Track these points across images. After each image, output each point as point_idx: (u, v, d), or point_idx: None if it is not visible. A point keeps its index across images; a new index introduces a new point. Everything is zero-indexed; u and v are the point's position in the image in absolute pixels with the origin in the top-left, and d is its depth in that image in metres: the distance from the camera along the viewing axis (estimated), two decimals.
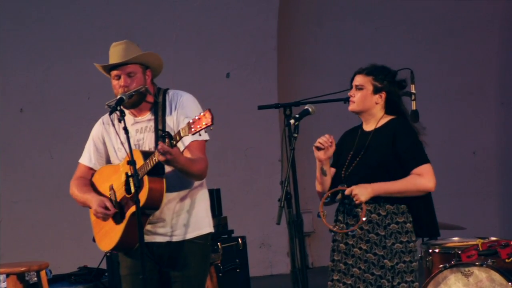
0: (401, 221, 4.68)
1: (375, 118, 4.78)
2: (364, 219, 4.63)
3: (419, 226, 4.73)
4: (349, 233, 4.70)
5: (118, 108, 4.62)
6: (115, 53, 4.81)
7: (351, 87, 4.81)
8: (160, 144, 4.44)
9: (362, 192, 4.60)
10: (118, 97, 4.68)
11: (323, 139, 4.74)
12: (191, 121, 4.41)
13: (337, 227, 4.75)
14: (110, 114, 4.70)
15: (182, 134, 4.45)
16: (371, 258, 4.65)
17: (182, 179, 4.76)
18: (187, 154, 4.70)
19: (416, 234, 4.74)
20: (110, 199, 4.81)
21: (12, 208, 9.57)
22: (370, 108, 4.76)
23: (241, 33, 10.21)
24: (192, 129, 4.39)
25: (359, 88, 4.75)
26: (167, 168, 4.67)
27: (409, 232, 4.69)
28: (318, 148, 4.74)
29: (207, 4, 10.13)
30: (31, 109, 9.75)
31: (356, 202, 4.62)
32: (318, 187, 4.89)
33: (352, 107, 4.78)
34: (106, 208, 4.74)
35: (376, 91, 4.75)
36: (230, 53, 10.21)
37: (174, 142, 4.47)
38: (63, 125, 9.69)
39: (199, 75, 9.90)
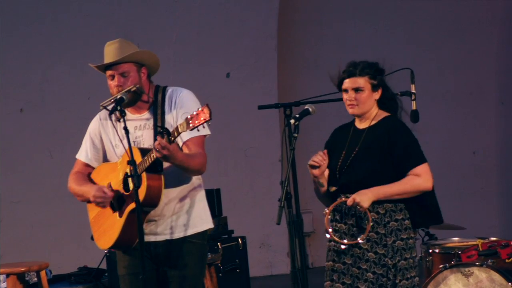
0: (400, 218, 4.68)
1: (372, 116, 4.77)
2: (371, 225, 4.62)
3: (418, 215, 4.71)
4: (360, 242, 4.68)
5: (118, 108, 4.62)
6: (109, 53, 4.80)
7: (340, 88, 4.75)
8: (158, 140, 4.43)
9: (363, 199, 4.59)
10: (118, 97, 4.67)
11: (318, 158, 4.71)
12: (189, 116, 4.39)
13: (346, 239, 4.71)
14: (110, 115, 4.69)
15: (180, 130, 4.44)
16: (372, 257, 4.65)
17: (181, 178, 4.76)
18: (186, 150, 4.69)
19: (416, 225, 4.74)
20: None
21: (12, 208, 9.57)
22: (371, 108, 4.75)
23: (241, 33, 10.21)
24: (190, 125, 4.38)
25: (359, 90, 4.70)
26: (166, 168, 4.67)
27: (408, 229, 4.70)
28: (313, 166, 4.73)
29: (207, 4, 10.13)
30: (31, 109, 9.75)
31: (360, 209, 4.62)
32: (318, 197, 4.91)
33: (354, 110, 4.73)
34: (104, 192, 4.73)
35: (374, 88, 4.74)
36: (230, 53, 10.21)
37: (172, 138, 4.46)
38: (63, 125, 9.69)
39: (199, 75, 9.90)
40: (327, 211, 4.70)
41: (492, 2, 10.60)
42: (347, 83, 4.72)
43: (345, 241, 4.70)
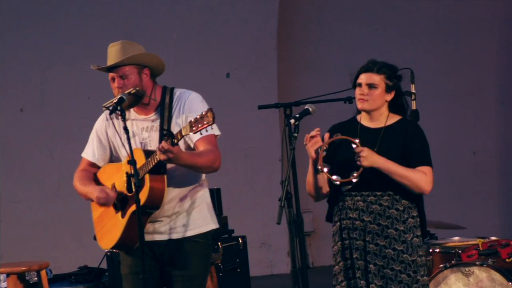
0: (415, 215, 4.70)
1: (383, 116, 4.76)
2: (356, 178, 4.58)
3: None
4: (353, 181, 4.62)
5: (119, 108, 4.62)
6: (110, 55, 4.80)
7: (355, 85, 4.76)
8: (162, 143, 4.44)
9: (369, 158, 4.57)
10: (119, 96, 4.68)
11: (312, 133, 4.68)
12: (192, 120, 4.41)
13: (337, 178, 4.64)
14: (110, 114, 4.70)
15: (183, 133, 4.45)
16: (390, 254, 4.64)
17: (186, 179, 4.77)
18: (200, 148, 4.68)
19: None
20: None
21: (12, 208, 9.58)
22: (380, 107, 4.74)
23: (241, 33, 10.21)
24: (194, 128, 4.40)
25: (373, 86, 4.70)
26: (171, 169, 4.68)
27: (420, 227, 4.72)
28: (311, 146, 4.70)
29: (207, 4, 10.14)
30: (31, 109, 9.75)
31: (358, 163, 4.58)
32: (310, 188, 4.83)
33: (364, 105, 4.71)
34: (107, 193, 4.74)
35: (388, 89, 4.74)
36: (230, 53, 10.22)
37: (176, 141, 4.46)
38: (63, 125, 9.70)
39: (199, 75, 9.90)
40: (324, 146, 4.62)
41: (492, 2, 10.61)
42: (363, 78, 4.72)
43: (339, 178, 4.64)
